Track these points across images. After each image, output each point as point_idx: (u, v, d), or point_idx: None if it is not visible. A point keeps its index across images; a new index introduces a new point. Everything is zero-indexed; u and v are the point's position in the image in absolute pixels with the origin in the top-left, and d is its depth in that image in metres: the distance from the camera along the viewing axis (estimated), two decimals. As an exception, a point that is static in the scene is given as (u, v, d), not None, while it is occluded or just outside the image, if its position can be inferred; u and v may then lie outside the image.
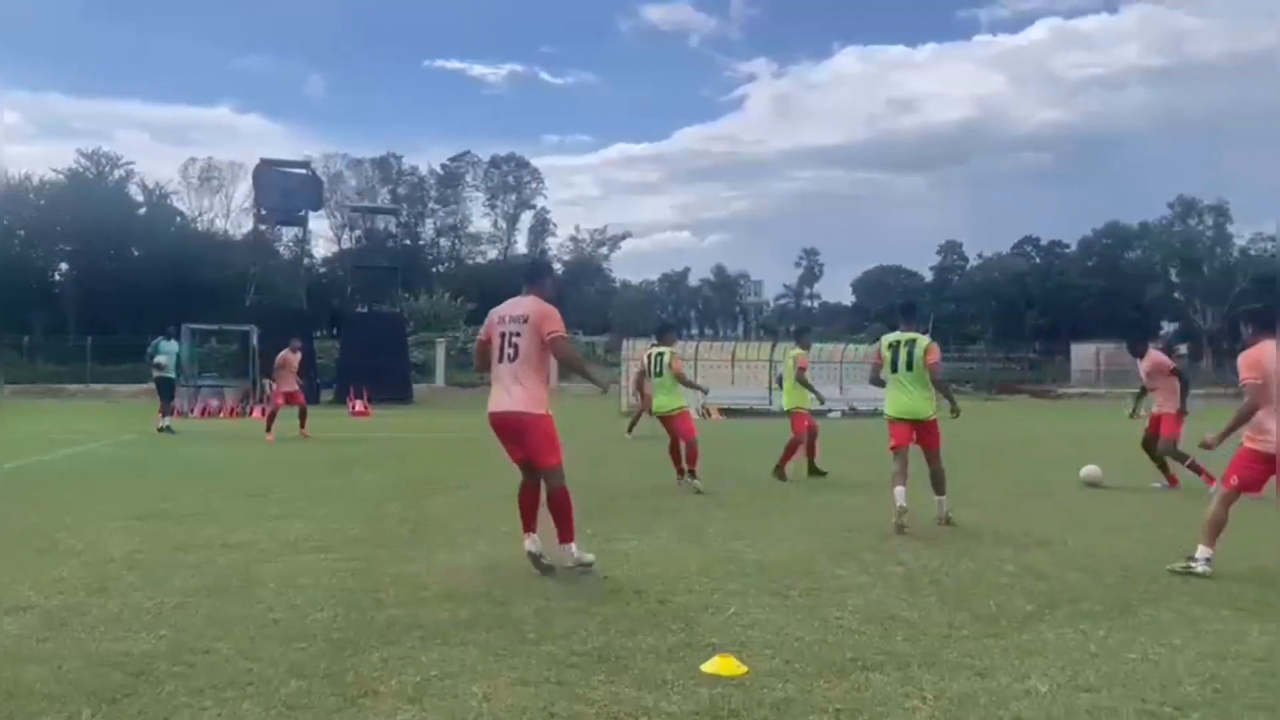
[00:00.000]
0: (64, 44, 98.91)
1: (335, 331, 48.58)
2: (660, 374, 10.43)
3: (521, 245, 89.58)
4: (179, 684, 3.82)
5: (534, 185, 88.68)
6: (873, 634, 4.64)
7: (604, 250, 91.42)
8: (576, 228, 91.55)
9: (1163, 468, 10.58)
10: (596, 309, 78.99)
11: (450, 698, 3.70)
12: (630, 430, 16.84)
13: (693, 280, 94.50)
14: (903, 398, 7.95)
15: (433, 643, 4.41)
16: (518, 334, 6.06)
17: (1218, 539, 6.01)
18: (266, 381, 25.11)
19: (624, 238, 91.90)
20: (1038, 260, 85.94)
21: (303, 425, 16.75)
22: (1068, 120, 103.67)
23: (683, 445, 10.24)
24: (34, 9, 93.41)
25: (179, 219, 63.14)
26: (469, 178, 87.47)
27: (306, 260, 50.46)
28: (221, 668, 4.02)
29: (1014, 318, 78.81)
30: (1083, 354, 55.06)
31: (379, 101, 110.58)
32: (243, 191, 64.20)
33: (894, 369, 7.97)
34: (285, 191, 36.26)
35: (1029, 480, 11.30)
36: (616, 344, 39.98)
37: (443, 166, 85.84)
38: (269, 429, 16.50)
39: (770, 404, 28.28)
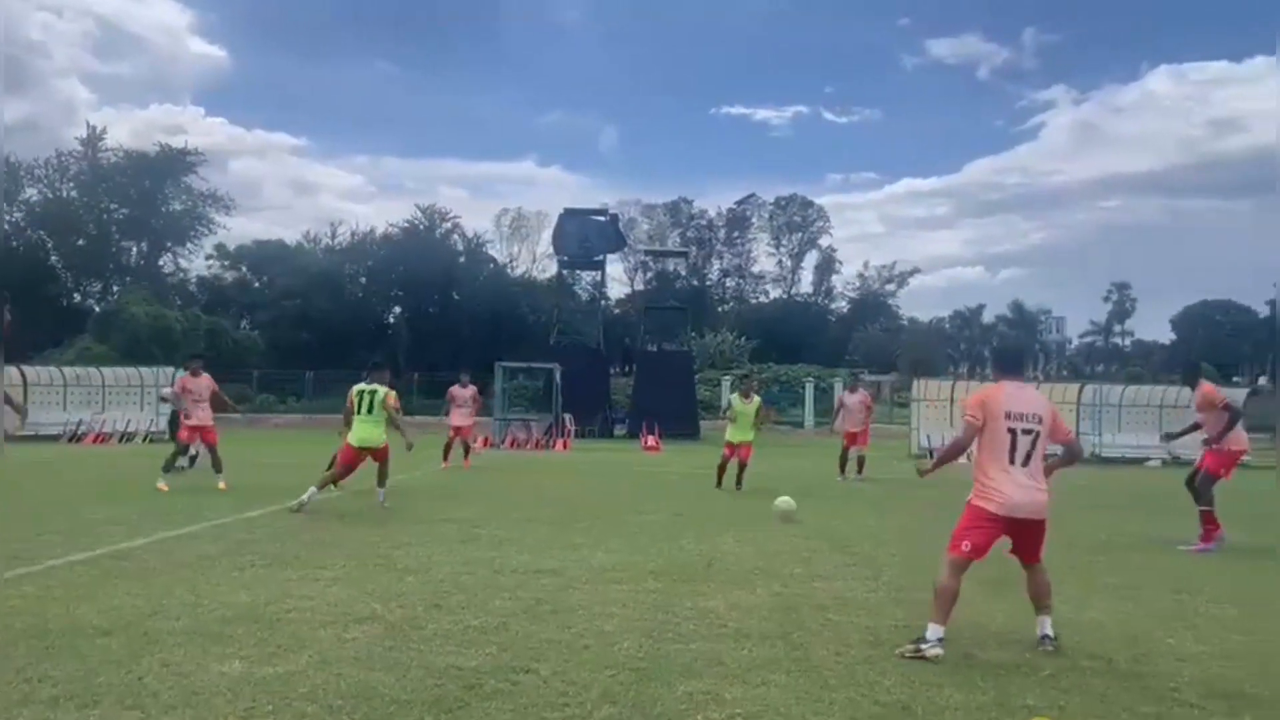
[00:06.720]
0: (394, 113, 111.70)
1: (626, 369, 50.60)
2: (371, 410, 10.95)
3: (806, 284, 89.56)
4: (505, 701, 4.13)
5: (819, 224, 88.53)
6: (1217, 711, 4.19)
7: (890, 286, 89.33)
8: (865, 264, 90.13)
9: None
10: (882, 347, 77.06)
11: (755, 738, 3.73)
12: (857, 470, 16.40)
13: (987, 317, 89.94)
14: (363, 431, 10.85)
15: (735, 680, 4.48)
16: None
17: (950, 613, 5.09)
18: (568, 415, 26.66)
19: (912, 273, 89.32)
20: None
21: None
22: None
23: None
24: (367, 85, 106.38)
25: (492, 265, 68.63)
26: (754, 219, 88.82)
27: (603, 301, 53.10)
28: (540, 688, 4.30)
29: (1378, 357, 68.46)
30: None
31: (669, 149, 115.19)
32: (546, 239, 68.89)
33: (358, 411, 10.87)
34: (584, 237, 38.66)
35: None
36: (906, 383, 38.71)
37: (729, 210, 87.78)
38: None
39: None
